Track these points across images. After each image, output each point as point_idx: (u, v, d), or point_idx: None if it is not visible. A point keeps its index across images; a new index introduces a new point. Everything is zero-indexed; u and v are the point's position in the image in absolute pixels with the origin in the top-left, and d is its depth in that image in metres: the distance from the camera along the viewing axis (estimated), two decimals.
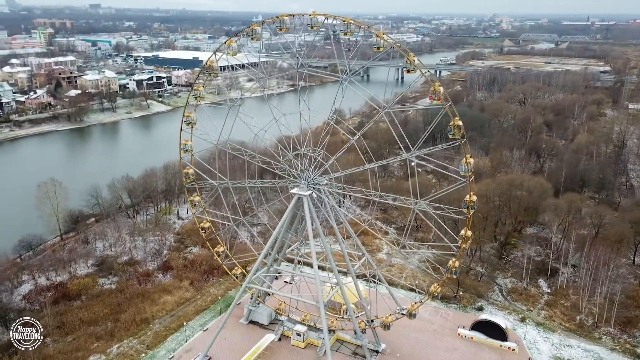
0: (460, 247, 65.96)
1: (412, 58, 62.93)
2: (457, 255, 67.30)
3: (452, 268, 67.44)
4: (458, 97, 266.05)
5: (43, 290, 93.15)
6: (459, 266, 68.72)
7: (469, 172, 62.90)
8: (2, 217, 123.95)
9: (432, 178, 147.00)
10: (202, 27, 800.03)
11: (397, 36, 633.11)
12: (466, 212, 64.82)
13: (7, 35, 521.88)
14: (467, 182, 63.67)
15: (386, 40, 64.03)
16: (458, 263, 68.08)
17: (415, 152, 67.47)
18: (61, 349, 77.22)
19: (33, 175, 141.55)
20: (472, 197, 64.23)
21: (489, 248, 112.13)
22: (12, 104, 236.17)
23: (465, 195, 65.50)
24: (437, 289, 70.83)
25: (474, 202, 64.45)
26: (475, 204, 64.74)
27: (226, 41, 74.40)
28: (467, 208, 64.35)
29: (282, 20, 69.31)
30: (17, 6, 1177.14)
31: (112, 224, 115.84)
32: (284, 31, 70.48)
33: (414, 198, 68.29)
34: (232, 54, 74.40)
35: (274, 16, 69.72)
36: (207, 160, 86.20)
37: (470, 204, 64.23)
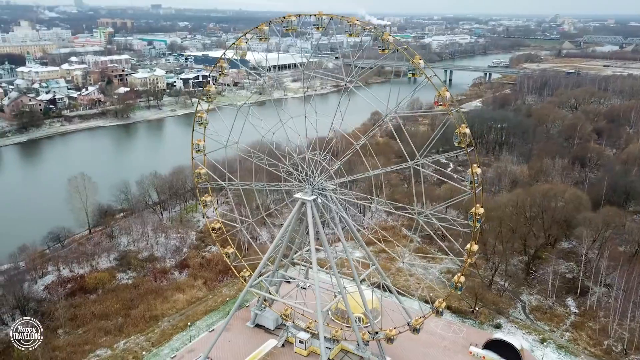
0: (465, 261, 62.25)
1: (419, 60, 59.91)
2: (461, 270, 63.53)
3: (457, 283, 63.74)
4: (505, 101, 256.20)
5: (64, 282, 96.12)
6: (464, 282, 64.82)
7: (474, 183, 58.88)
8: (39, 209, 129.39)
9: (441, 187, 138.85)
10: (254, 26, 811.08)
11: (449, 37, 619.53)
12: (472, 224, 61.01)
13: (71, 35, 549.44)
14: (473, 194, 59.61)
15: (391, 41, 60.81)
16: (463, 278, 64.29)
17: (421, 160, 63.65)
18: (71, 341, 79.19)
19: (73, 168, 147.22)
20: (479, 209, 60.41)
21: (517, 262, 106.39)
22: (65, 100, 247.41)
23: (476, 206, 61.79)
24: (441, 303, 67.20)
25: (481, 214, 60.62)
26: (482, 217, 60.90)
27: (235, 41, 73.87)
28: (473, 221, 60.56)
29: (289, 21, 67.94)
30: (85, 6, 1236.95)
31: (138, 220, 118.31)
32: (291, 31, 68.87)
33: (419, 208, 64.80)
34: (241, 55, 73.97)
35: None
36: (222, 162, 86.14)
37: (477, 216, 60.40)
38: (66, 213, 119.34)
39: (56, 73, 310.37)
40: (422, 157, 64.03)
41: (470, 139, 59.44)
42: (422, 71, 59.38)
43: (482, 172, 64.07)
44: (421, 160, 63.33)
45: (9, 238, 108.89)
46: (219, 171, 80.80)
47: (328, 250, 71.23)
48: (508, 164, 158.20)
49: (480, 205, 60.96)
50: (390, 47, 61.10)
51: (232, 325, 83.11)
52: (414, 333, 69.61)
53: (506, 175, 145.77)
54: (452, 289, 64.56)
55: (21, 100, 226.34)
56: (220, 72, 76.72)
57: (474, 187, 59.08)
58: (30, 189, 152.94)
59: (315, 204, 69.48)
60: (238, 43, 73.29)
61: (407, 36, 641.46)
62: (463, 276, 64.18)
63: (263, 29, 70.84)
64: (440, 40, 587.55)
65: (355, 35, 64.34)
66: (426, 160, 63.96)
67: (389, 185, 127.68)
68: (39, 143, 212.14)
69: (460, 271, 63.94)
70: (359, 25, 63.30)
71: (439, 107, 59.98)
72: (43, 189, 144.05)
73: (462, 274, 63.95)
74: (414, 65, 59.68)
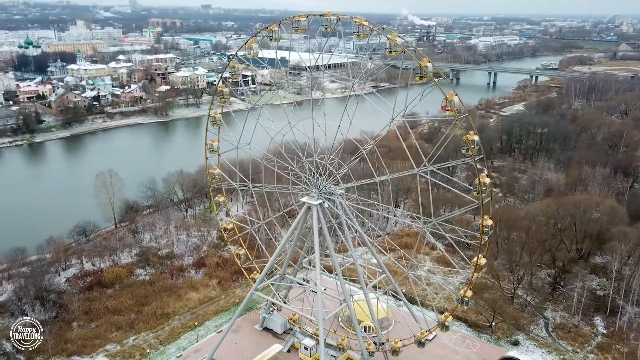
0: (472, 275, 59.12)
1: (427, 63, 57.24)
2: (468, 284, 60.39)
3: (464, 297, 60.64)
4: (550, 105, 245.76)
5: (84, 276, 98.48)
6: (471, 296, 61.58)
7: (481, 193, 55.66)
8: (71, 203, 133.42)
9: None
10: None
11: (496, 38, 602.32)
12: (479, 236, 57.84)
13: (122, 34, 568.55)
14: (480, 204, 56.38)
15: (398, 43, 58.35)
16: (470, 293, 61.08)
17: (429, 167, 60.75)
18: (83, 334, 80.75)
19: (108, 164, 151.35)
20: (487, 221, 57.20)
21: (544, 275, 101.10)
22: (109, 97, 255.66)
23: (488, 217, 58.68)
24: (447, 317, 64.15)
25: (489, 226, 57.37)
26: (490, 229, 57.63)
27: (247, 42, 73.22)
28: (480, 233, 57.38)
29: (298, 21, 66.64)
30: (139, 7, 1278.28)
31: (163, 217, 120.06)
32: (300, 32, 67.49)
33: (425, 217, 62.08)
34: (252, 55, 73.24)
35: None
36: (239, 162, 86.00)
37: (485, 228, 57.20)
38: (95, 208, 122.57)
39: (103, 71, 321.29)
40: (431, 163, 60.78)
41: (480, 147, 55.94)
42: (429, 75, 56.54)
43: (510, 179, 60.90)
44: (429, 167, 60.18)
45: (40, 229, 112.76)
46: (234, 172, 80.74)
47: (333, 256, 69.51)
48: (545, 171, 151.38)
49: (489, 217, 57.62)
50: (398, 49, 58.26)
51: (240, 327, 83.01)
52: (419, 347, 66.92)
53: (541, 183, 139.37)
54: (458, 302, 61.45)
55: (67, 97, 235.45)
56: (233, 73, 76.25)
57: (480, 197, 55.79)
58: (66, 182, 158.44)
59: (321, 208, 67.98)
60: (249, 44, 72.56)
61: (453, 37, 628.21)
62: (470, 290, 60.94)
63: (274, 29, 69.65)
64: (487, 41, 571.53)
65: (363, 36, 62.08)
66: (434, 167, 60.41)
67: (414, 191, 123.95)
68: (81, 138, 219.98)
69: (467, 285, 60.65)
70: (367, 26, 60.95)
71: (447, 113, 56.31)
72: (76, 183, 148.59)
73: (469, 288, 60.71)
74: (421, 68, 56.83)
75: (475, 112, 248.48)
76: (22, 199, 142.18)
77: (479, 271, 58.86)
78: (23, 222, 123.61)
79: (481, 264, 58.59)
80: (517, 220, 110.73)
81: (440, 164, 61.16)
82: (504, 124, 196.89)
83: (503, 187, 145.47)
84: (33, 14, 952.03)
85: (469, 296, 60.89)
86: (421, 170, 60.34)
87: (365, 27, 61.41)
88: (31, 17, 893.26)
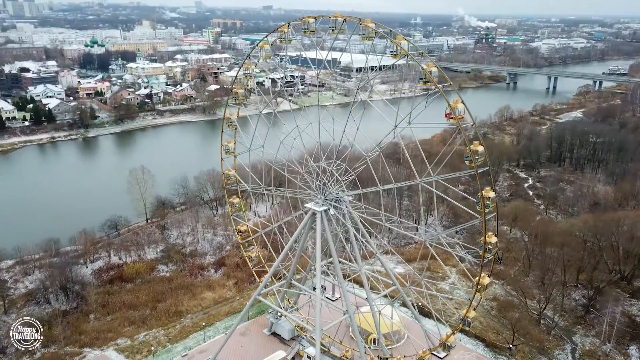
0: (473, 294, 55.26)
1: (431, 68, 54.00)
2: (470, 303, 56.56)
3: (465, 317, 56.87)
4: (611, 112, 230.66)
5: (109, 269, 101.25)
6: (473, 317, 57.65)
7: (483, 208, 51.76)
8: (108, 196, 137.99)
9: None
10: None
11: (561, 41, 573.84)
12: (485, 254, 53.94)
13: (183, 34, 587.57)
14: (482, 220, 52.48)
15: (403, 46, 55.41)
16: (473, 313, 57.20)
17: (434, 177, 57.34)
18: (98, 327, 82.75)
19: (150, 160, 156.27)
20: (491, 238, 53.25)
21: (579, 296, 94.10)
22: (161, 95, 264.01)
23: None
24: (449, 337, 60.43)
25: (494, 244, 53.38)
26: (495, 246, 53.63)
27: (258, 43, 72.54)
28: (483, 250, 53.49)
29: (307, 22, 65.08)
30: (203, 7, 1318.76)
31: (192, 215, 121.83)
32: (309, 34, 65.96)
33: (426, 229, 58.74)
34: (264, 57, 72.54)
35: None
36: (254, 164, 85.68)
37: (488, 246, 53.29)
38: (129, 203, 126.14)
39: (160, 69, 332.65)
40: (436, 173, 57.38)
41: (485, 158, 52.10)
42: (432, 80, 53.28)
43: (554, 191, 56.49)
44: (434, 178, 56.76)
45: (77, 221, 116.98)
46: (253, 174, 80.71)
47: (336, 264, 67.31)
48: (594, 184, 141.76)
49: (494, 234, 53.60)
50: (402, 52, 55.37)
51: (249, 330, 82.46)
52: None
53: (587, 196, 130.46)
54: (460, 323, 57.70)
55: (121, 94, 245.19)
56: (248, 75, 75.76)
57: (483, 212, 51.84)
58: (108, 176, 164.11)
59: (326, 215, 66.11)
60: (261, 45, 71.93)
61: (515, 39, 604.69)
62: (473, 311, 57.06)
63: (284, 31, 68.59)
64: (551, 44, 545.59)
65: (367, 38, 59.61)
66: (438, 178, 56.91)
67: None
68: (131, 134, 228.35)
69: (469, 305, 56.82)
70: (371, 28, 58.45)
71: (451, 121, 52.76)
72: (117, 177, 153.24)
73: (472, 308, 56.85)
74: (424, 72, 53.69)
75: (528, 118, 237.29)
76: (66, 192, 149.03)
77: (481, 291, 54.83)
78: (64, 214, 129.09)
79: (484, 283, 54.59)
80: (554, 235, 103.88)
81: (445, 174, 57.26)
82: (556, 131, 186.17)
83: (545, 198, 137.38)
84: (105, 15, 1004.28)
85: (472, 317, 57.00)
86: (424, 181, 56.94)
87: (370, 29, 58.73)
88: (103, 17, 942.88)
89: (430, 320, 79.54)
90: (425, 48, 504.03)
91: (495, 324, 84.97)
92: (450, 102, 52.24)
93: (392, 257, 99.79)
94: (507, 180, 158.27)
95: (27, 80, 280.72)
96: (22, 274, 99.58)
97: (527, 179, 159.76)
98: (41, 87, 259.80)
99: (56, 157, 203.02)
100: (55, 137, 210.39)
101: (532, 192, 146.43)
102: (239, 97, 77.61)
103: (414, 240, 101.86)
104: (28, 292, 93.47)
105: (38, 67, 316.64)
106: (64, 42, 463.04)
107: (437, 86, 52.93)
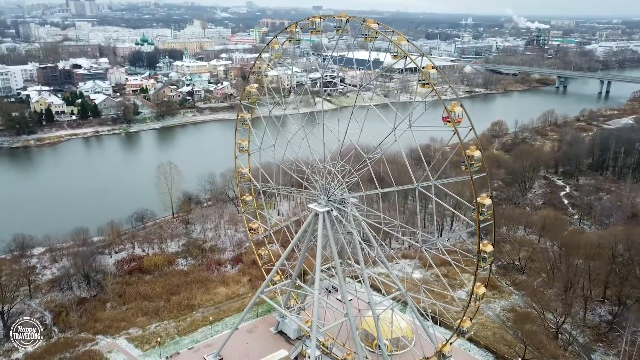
0: (467, 304, 53.41)
1: (430, 70, 52.60)
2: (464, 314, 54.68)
3: (461, 327, 55.07)
4: None
5: (131, 260, 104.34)
6: (468, 327, 55.71)
7: (478, 216, 49.89)
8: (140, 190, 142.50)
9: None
10: (405, 28, 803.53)
11: (620, 43, 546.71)
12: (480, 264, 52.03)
13: (231, 33, 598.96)
14: (477, 228, 50.56)
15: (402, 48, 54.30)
16: (469, 323, 55.29)
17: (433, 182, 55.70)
18: (113, 315, 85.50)
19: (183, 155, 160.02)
20: (487, 247, 51.30)
21: (605, 312, 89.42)
22: (202, 92, 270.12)
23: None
24: (444, 346, 58.64)
25: (489, 253, 51.40)
26: (491, 255, 51.63)
27: (269, 43, 73.08)
28: (478, 260, 51.60)
29: (314, 22, 65.08)
30: (254, 7, 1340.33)
31: (216, 211, 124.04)
32: (316, 33, 65.97)
33: (423, 235, 57.30)
34: (275, 57, 72.96)
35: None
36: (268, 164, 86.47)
37: (484, 255, 51.38)
38: (157, 197, 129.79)
39: (204, 68, 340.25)
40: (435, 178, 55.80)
41: (482, 163, 50.18)
42: (430, 82, 51.86)
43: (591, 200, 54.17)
44: (433, 182, 55.17)
45: (107, 212, 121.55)
46: (271, 173, 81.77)
47: (338, 266, 66.78)
48: (636, 194, 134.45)
49: (490, 243, 51.61)
50: (401, 53, 54.25)
51: (257, 328, 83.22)
52: None
53: (626, 207, 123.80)
54: (454, 332, 55.96)
55: (163, 91, 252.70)
56: (259, 73, 76.36)
57: (477, 220, 49.95)
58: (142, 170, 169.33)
59: (329, 216, 65.75)
60: (272, 45, 72.47)
61: (569, 41, 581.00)
62: (469, 321, 55.16)
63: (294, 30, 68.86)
64: (608, 46, 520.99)
65: (370, 39, 58.83)
66: (437, 182, 55.23)
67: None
68: (171, 130, 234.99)
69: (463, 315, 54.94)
70: (372, 28, 57.62)
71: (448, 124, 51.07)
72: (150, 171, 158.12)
73: (467, 318, 54.99)
74: (422, 74, 52.34)
75: (573, 123, 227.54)
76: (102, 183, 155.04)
77: (476, 300, 52.92)
78: (97, 204, 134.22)
79: (479, 293, 52.67)
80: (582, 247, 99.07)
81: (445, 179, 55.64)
82: (600, 137, 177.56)
83: (581, 208, 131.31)
84: (160, 14, 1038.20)
85: (467, 327, 55.13)
86: (421, 185, 55.50)
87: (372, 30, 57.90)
88: (158, 16, 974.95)
89: (440, 328, 77.62)
90: (472, 50, 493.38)
91: (509, 336, 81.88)
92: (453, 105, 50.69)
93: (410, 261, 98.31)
94: (542, 187, 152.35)
95: (78, 76, 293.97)
96: (50, 261, 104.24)
97: (564, 187, 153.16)
98: (90, 83, 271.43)
99: (98, 150, 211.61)
100: (99, 131, 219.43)
101: (568, 201, 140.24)
102: (251, 96, 77.88)
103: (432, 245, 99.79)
104: (54, 278, 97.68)
105: (90, 63, 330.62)
106: (117, 40, 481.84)
107: (434, 89, 51.45)
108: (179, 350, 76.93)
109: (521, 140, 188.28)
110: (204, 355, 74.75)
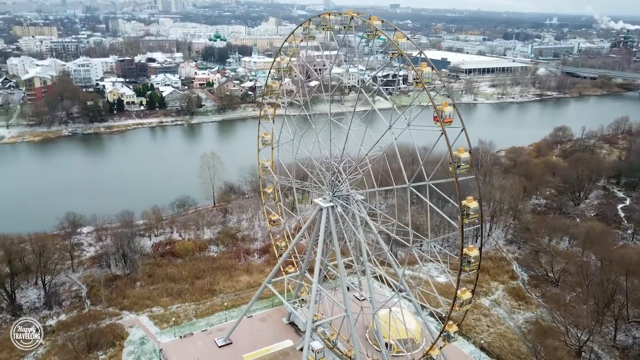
0: (450, 309, 52.09)
1: (424, 68, 51.85)
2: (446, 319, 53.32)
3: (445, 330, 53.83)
4: None
5: (167, 244, 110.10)
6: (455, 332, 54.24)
7: (462, 218, 48.55)
8: (186, 178, 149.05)
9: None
10: (483, 27, 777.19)
11: None
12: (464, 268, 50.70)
13: None
14: (460, 231, 49.16)
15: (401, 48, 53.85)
16: (455, 327, 53.93)
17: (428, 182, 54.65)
18: (140, 293, 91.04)
19: (236, 147, 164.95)
20: (472, 251, 49.91)
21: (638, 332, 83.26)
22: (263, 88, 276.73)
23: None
24: (432, 348, 57.38)
25: (475, 257, 49.93)
26: (476, 260, 50.12)
27: (287, 39, 74.58)
28: (462, 264, 50.24)
29: (326, 19, 66.00)
30: (331, 5, 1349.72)
31: (254, 201, 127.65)
32: (328, 30, 67.09)
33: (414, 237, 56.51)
34: (293, 52, 74.45)
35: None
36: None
37: (470, 259, 49.96)
38: (200, 186, 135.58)
39: (270, 64, 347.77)
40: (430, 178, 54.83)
41: (471, 165, 48.83)
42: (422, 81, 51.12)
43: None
44: (427, 182, 54.16)
45: (154, 197, 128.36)
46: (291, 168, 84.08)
47: (340, 261, 67.20)
48: None
49: (475, 247, 50.13)
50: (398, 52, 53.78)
51: (270, 317, 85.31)
52: None
53: None
54: (439, 336, 54.77)
55: (227, 85, 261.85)
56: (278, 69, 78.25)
57: (461, 222, 48.61)
58: (193, 160, 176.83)
59: (333, 211, 66.42)
60: (290, 41, 73.95)
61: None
62: (455, 325, 53.81)
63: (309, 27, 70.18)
64: None
65: (372, 35, 58.79)
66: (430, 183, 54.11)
67: None
68: (231, 123, 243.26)
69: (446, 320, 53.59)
70: (374, 26, 57.55)
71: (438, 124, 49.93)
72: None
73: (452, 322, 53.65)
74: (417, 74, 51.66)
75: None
76: (156, 171, 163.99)
77: (462, 305, 51.51)
78: (148, 190, 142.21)
79: (465, 299, 51.25)
80: (625, 264, 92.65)
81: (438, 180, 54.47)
82: None
83: (637, 222, 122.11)
84: (239, 11, 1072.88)
85: (453, 331, 53.81)
86: (413, 185, 54.76)
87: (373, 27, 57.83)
88: (237, 13, 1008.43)
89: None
90: (550, 51, 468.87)
91: (526, 350, 78.44)
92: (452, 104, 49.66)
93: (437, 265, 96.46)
94: (599, 198, 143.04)
95: (152, 69, 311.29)
96: (96, 239, 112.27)
97: (624, 199, 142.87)
98: (162, 75, 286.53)
99: (162, 138, 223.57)
100: (163, 121, 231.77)
101: (624, 214, 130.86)
102: (273, 92, 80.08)
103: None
104: (96, 255, 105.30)
105: (164, 57, 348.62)
106: (194, 36, 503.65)
107: (425, 88, 50.62)
108: (193, 331, 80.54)
109: (583, 148, 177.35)
110: (215, 338, 77.87)
